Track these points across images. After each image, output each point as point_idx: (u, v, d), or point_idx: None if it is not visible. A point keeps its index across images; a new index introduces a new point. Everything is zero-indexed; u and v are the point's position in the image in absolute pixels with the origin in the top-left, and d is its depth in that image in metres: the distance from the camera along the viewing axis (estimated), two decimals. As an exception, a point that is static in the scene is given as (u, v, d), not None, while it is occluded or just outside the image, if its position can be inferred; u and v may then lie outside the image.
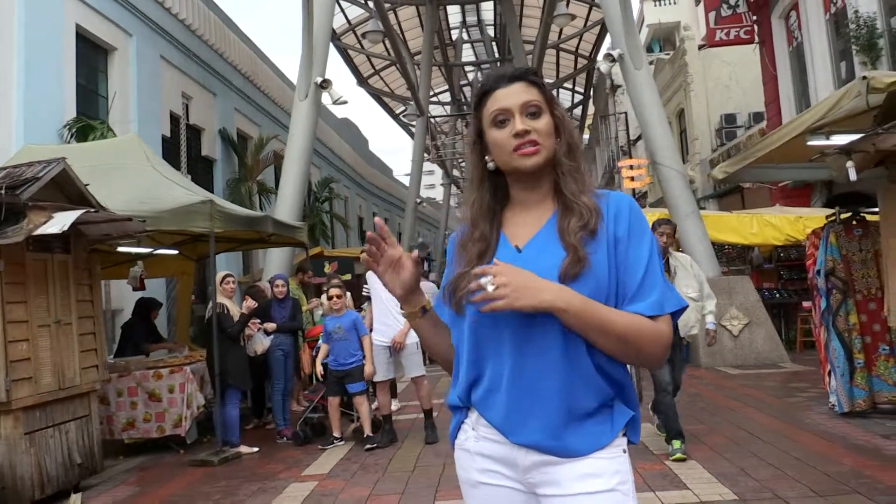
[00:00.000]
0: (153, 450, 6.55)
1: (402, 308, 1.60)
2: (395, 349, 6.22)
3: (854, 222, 6.40)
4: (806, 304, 10.67)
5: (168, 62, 12.09)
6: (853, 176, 5.07)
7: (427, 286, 6.32)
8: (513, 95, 1.49)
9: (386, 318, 6.23)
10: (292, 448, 6.40)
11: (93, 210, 5.00)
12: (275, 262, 9.94)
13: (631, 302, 1.42)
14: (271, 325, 6.80)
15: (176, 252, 8.24)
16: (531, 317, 1.39)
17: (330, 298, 6.27)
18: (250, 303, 6.38)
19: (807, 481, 4.37)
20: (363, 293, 7.56)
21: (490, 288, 1.33)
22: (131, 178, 6.41)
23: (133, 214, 5.38)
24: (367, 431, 6.22)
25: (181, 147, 12.72)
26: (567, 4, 18.55)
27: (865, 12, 11.14)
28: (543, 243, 1.47)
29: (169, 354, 7.42)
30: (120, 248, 6.81)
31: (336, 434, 6.34)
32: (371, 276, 6.48)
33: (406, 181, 35.96)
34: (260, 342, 6.94)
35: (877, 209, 6.74)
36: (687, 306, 1.50)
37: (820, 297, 6.38)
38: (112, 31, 10.52)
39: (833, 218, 6.55)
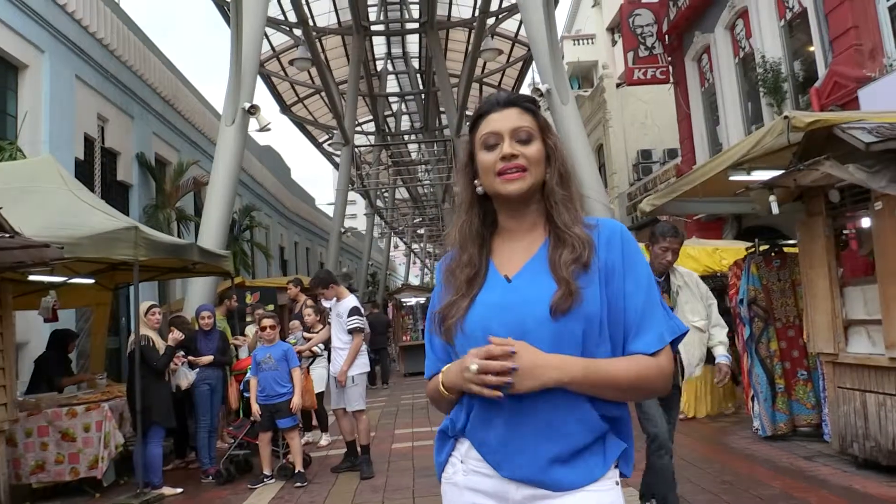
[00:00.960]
0: (65, 494, 6.07)
1: (450, 390, 1.47)
2: (338, 384, 6.12)
3: (773, 254, 6.74)
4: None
5: (83, 82, 11.54)
6: (775, 209, 5.33)
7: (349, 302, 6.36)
8: (505, 119, 1.47)
9: (338, 350, 6.28)
10: (219, 488, 6.07)
11: (6, 235, 4.64)
12: (197, 292, 9.54)
13: (632, 340, 1.41)
14: (206, 359, 6.50)
15: (92, 281, 7.78)
16: (535, 345, 1.35)
17: (263, 329, 6.10)
18: (177, 334, 6.08)
19: (742, 504, 4.49)
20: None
21: (474, 369, 1.32)
22: (47, 201, 6.01)
23: (50, 240, 5.03)
24: (299, 467, 6.00)
25: (95, 171, 12.11)
26: (492, 37, 18.97)
27: (771, 57, 11.91)
28: (534, 274, 1.43)
29: (84, 391, 6.94)
30: (32, 277, 6.34)
31: (266, 472, 6.07)
32: (334, 307, 6.41)
33: (328, 210, 35.61)
34: (184, 376, 6.62)
35: (788, 241, 7.16)
36: (687, 331, 1.50)
37: (743, 325, 6.65)
38: (23, 46, 9.96)
39: (753, 249, 6.87)
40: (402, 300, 18.07)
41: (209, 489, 6.07)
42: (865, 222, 5.77)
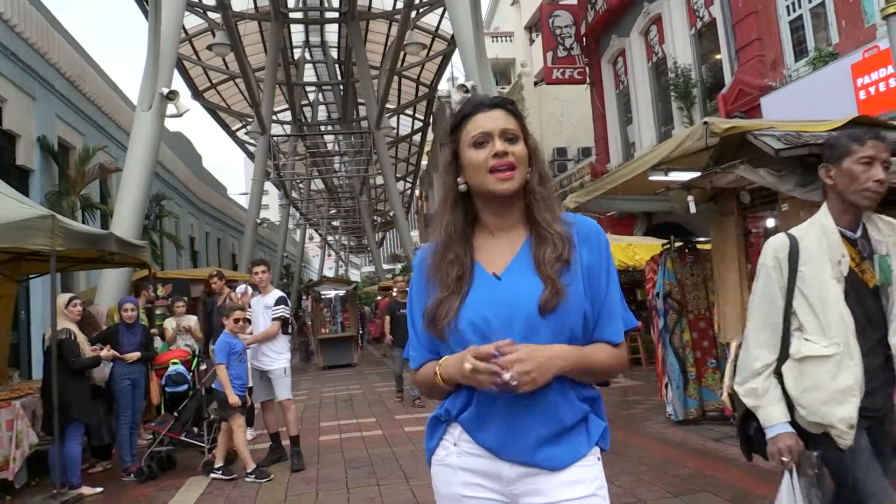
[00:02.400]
0: (-29, 497, 5.73)
1: (448, 381, 1.55)
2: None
3: (687, 250, 7.15)
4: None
5: (-20, 59, 10.79)
6: (693, 209, 5.68)
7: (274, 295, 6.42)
8: (493, 120, 1.55)
9: (260, 345, 6.28)
10: (142, 486, 5.88)
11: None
12: (111, 283, 9.14)
13: (600, 329, 1.54)
14: (133, 356, 6.29)
15: (-4, 272, 7.32)
16: (520, 340, 1.44)
17: (237, 322, 6.04)
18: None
19: (661, 484, 4.79)
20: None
21: (514, 383, 1.38)
22: (-49, 187, 5.64)
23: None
24: (220, 462, 5.95)
25: (-7, 154, 11.35)
26: (412, 30, 19.00)
27: (682, 63, 12.55)
28: (520, 271, 1.52)
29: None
30: (-69, 267, 5.93)
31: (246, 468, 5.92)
32: (254, 302, 6.39)
33: (240, 200, 34.70)
34: (101, 371, 6.37)
35: (700, 238, 7.61)
36: (636, 326, 1.64)
37: (658, 317, 7.03)
38: (-87, 19, 9.21)
39: (669, 246, 7.27)
40: (322, 293, 17.88)
41: (132, 488, 5.87)
42: (770, 223, 6.23)
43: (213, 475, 5.88)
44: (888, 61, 7.79)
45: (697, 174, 5.53)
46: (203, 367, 7.17)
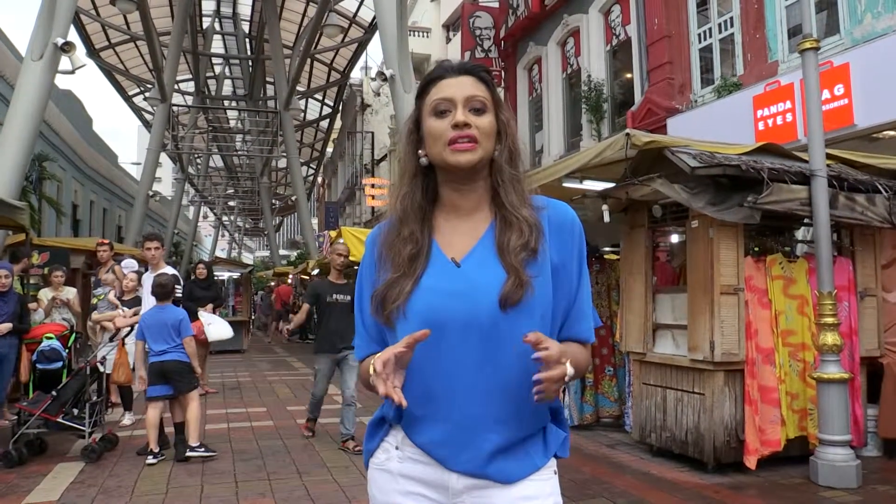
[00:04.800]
0: None
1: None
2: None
3: (593, 258, 7.29)
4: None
5: None
6: (607, 218, 5.78)
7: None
8: (459, 86, 1.39)
9: None
10: (2, 471, 5.31)
11: None
12: (-20, 246, 8.32)
13: (571, 326, 1.43)
14: (5, 327, 5.70)
15: None
16: (476, 341, 1.32)
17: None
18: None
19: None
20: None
21: (570, 374, 1.27)
22: None
23: None
24: (194, 440, 5.65)
25: None
26: (329, 11, 18.57)
27: (596, 78, 12.90)
28: (482, 259, 1.37)
29: None
30: None
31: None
32: (145, 278, 5.98)
33: (131, 170, 32.72)
34: None
35: (605, 248, 7.80)
36: (600, 326, 1.57)
37: (561, 322, 7.14)
38: None
39: (576, 253, 7.40)
40: (214, 274, 17.09)
41: (-11, 472, 5.31)
42: (676, 238, 6.46)
43: (191, 454, 5.52)
44: (788, 96, 8.30)
45: (614, 184, 5.64)
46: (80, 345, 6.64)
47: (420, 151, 1.44)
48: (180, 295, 6.08)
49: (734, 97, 9.37)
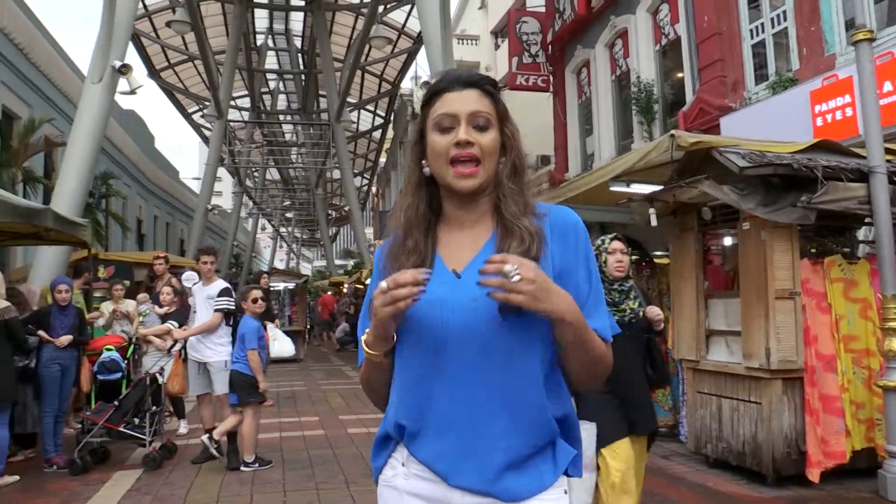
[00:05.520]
0: None
1: (371, 345, 1.37)
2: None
3: (644, 263, 7.14)
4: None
5: (-81, 17, 10.16)
6: (654, 221, 5.64)
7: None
8: (463, 101, 1.36)
9: (202, 335, 6.07)
10: (65, 478, 5.54)
11: None
12: (46, 262, 8.66)
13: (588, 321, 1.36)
14: (65, 339, 5.96)
15: (-81, 242, 6.85)
16: (477, 351, 1.29)
17: (255, 301, 5.80)
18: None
19: None
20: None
21: (515, 278, 1.18)
22: None
23: None
24: (250, 456, 5.80)
25: (-72, 119, 10.71)
26: (378, 23, 18.78)
27: (645, 79, 12.66)
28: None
29: None
30: None
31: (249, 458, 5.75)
32: (197, 290, 6.12)
33: (192, 185, 33.76)
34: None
35: (656, 252, 7.62)
36: (619, 332, 1.50)
37: (612, 328, 7.00)
38: None
39: (626, 258, 7.25)
40: (270, 285, 17.48)
41: (53, 480, 5.52)
42: (729, 241, 6.26)
43: (245, 469, 5.65)
44: (846, 90, 7.95)
45: (660, 187, 5.50)
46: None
47: (424, 162, 1.42)
48: (234, 307, 6.19)
49: (790, 93, 9.03)
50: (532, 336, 1.31)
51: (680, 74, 12.11)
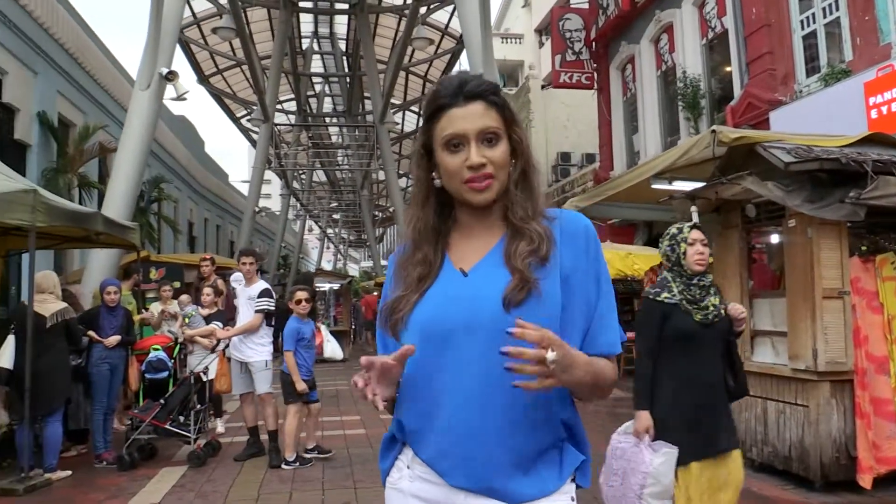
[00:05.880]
0: (-62, 477, 5.56)
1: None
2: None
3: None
4: (630, 333, 11.50)
5: (-19, 30, 10.61)
6: (696, 219, 5.50)
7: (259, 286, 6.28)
8: (470, 119, 1.33)
9: (243, 335, 6.14)
10: (114, 474, 5.71)
11: None
12: (98, 264, 8.96)
13: (594, 339, 1.35)
14: (113, 339, 6.17)
15: (-21, 246, 7.16)
16: (480, 347, 1.27)
17: (298, 303, 5.94)
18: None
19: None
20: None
21: (553, 366, 1.14)
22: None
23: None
24: (313, 443, 6.09)
25: (-11, 127, 11.18)
26: (422, 26, 18.84)
27: (692, 73, 12.39)
28: (490, 268, 1.34)
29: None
30: None
31: (296, 451, 5.90)
32: (239, 292, 6.31)
33: (241, 188, 34.47)
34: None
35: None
36: (625, 340, 1.46)
37: (654, 329, 6.85)
38: (-87, -16, 9.04)
39: (668, 256, 7.09)
40: (316, 285, 17.72)
41: (103, 475, 5.70)
42: (775, 238, 6.06)
43: (286, 467, 5.78)
44: (903, 81, 7.63)
45: (702, 184, 5.37)
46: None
47: (433, 175, 1.41)
48: (273, 308, 6.29)
49: (843, 85, 8.72)
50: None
51: (728, 68, 11.83)
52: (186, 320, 7.51)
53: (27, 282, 9.07)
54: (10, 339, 5.54)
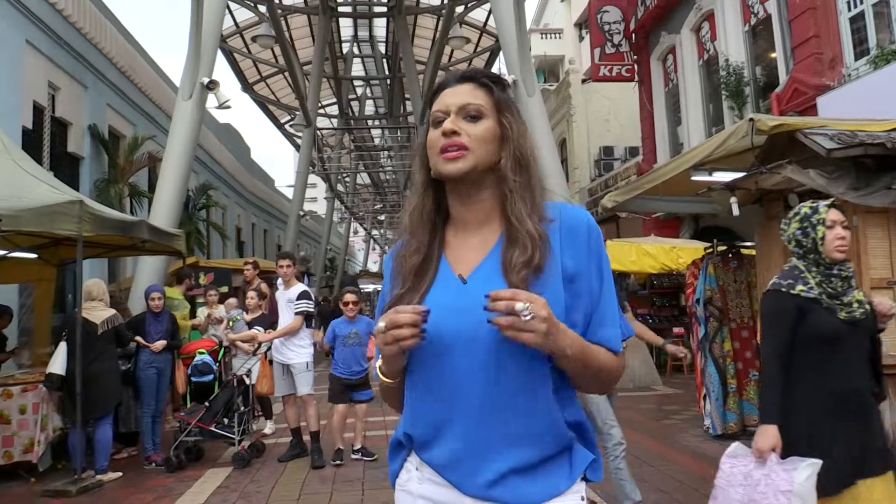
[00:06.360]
0: (-2, 478, 5.81)
1: (382, 369, 1.38)
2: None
3: (730, 255, 6.80)
4: (677, 329, 11.28)
5: (34, 47, 11.02)
6: (736, 211, 5.37)
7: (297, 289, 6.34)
8: (455, 95, 1.35)
9: (284, 338, 6.25)
10: (162, 475, 5.87)
11: (-61, 204, 4.37)
12: (147, 271, 9.22)
13: (595, 331, 1.32)
14: (160, 344, 6.36)
15: (34, 256, 7.44)
16: (482, 358, 1.26)
17: (346, 304, 6.12)
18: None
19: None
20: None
21: (528, 316, 1.14)
22: (-14, 171, 5.71)
23: (-12, 212, 4.77)
24: (359, 444, 6.20)
25: (44, 141, 11.61)
26: (460, 26, 18.83)
27: (735, 61, 12.06)
28: (488, 275, 1.31)
29: (22, 370, 6.65)
30: (-33, 250, 6.04)
31: (340, 446, 6.10)
32: (279, 295, 6.37)
33: (288, 192, 35.07)
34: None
35: (746, 243, 7.24)
36: (632, 335, 1.42)
37: (698, 324, 6.71)
38: (-32, 7, 9.46)
39: (711, 250, 6.93)
40: (360, 287, 17.90)
41: (151, 476, 5.87)
42: (821, 228, 5.85)
43: (354, 457, 6.05)
44: (958, 60, 7.28)
45: (741, 174, 5.22)
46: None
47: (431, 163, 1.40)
48: (312, 310, 6.38)
49: (893, 67, 8.36)
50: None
51: (772, 54, 11.47)
52: (230, 324, 7.68)
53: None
54: (62, 346, 5.74)
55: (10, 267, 7.61)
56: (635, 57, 16.14)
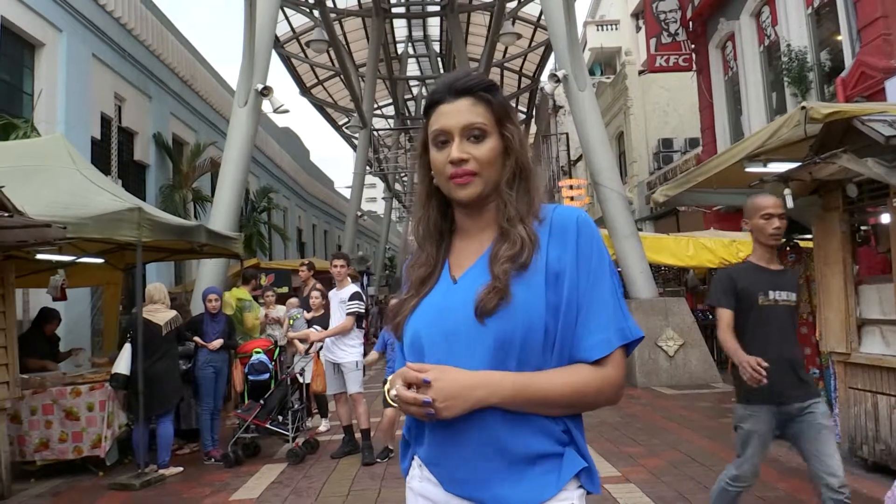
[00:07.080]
0: (69, 472, 6.10)
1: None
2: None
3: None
4: (737, 326, 10.93)
5: (100, 61, 11.57)
6: (790, 203, 5.15)
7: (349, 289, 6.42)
8: (455, 114, 1.32)
9: (335, 337, 6.35)
10: (220, 470, 6.09)
11: (6, 214, 4.64)
12: (207, 273, 9.54)
13: (575, 346, 1.28)
14: (216, 344, 6.60)
15: (101, 261, 7.81)
16: (467, 350, 1.26)
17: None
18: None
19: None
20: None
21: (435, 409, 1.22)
22: (54, 181, 6.03)
23: (53, 220, 5.03)
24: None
25: (112, 150, 12.17)
26: (513, 23, 18.73)
27: (797, 46, 11.61)
28: (476, 274, 1.32)
29: (87, 369, 6.99)
30: (39, 256, 6.38)
31: (390, 446, 6.26)
32: (331, 296, 6.57)
33: (347, 193, 35.67)
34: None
35: (804, 235, 6.96)
36: (642, 337, 1.36)
37: (755, 320, 6.48)
38: (40, 25, 9.99)
39: (768, 243, 6.69)
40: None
41: (210, 471, 6.09)
42: (885, 218, 5.59)
43: (378, 461, 6.12)
44: None
45: (795, 165, 5.03)
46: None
47: (433, 173, 1.41)
48: (363, 310, 6.46)
49: (968, 46, 7.90)
50: (513, 345, 1.26)
51: (837, 37, 10.98)
52: (291, 322, 7.88)
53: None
54: (127, 347, 6.01)
55: (81, 271, 8.01)
56: (693, 46, 15.71)
